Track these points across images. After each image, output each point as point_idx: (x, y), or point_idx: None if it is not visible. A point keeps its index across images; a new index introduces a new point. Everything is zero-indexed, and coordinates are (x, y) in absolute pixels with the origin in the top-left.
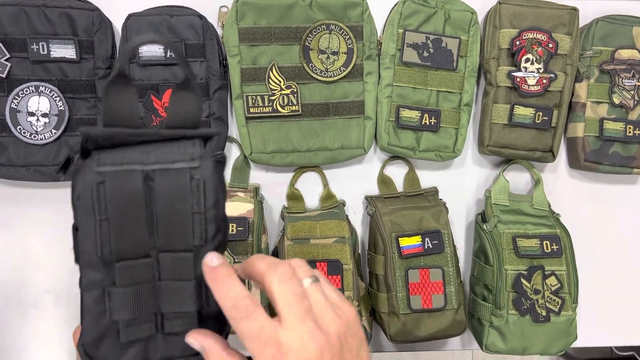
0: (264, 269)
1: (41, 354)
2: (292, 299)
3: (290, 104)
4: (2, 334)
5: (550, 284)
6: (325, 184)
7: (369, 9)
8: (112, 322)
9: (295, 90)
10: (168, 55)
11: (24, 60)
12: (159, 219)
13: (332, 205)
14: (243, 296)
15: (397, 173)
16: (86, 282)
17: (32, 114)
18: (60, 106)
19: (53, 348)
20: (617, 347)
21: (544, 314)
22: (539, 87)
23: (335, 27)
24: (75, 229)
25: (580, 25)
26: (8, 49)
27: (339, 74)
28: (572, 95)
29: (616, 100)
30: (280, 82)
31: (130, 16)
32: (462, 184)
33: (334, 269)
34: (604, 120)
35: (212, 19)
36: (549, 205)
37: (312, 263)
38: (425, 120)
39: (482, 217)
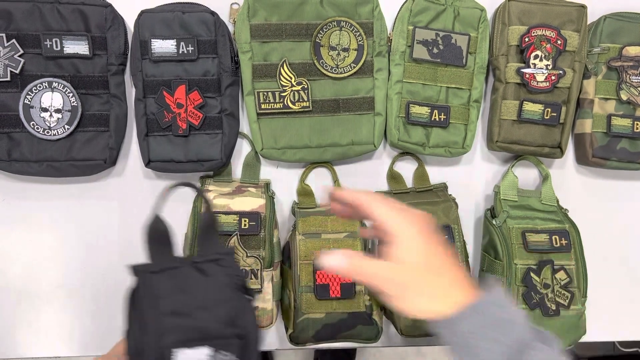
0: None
1: (54, 349)
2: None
3: (300, 100)
4: (16, 328)
5: (560, 278)
6: (336, 180)
7: (379, 5)
8: None
9: (305, 86)
10: (180, 52)
11: (37, 56)
12: None
13: None
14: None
15: (407, 169)
16: None
17: (45, 110)
18: (73, 102)
19: (65, 342)
20: (621, 344)
21: (553, 307)
22: (548, 84)
23: (345, 23)
24: None
25: (588, 22)
26: (22, 45)
27: (350, 71)
28: (580, 91)
29: (624, 97)
30: (291, 78)
31: (142, 12)
32: (471, 179)
33: None
34: (612, 117)
35: (224, 15)
36: (557, 201)
37: None
38: (435, 116)
39: (491, 213)
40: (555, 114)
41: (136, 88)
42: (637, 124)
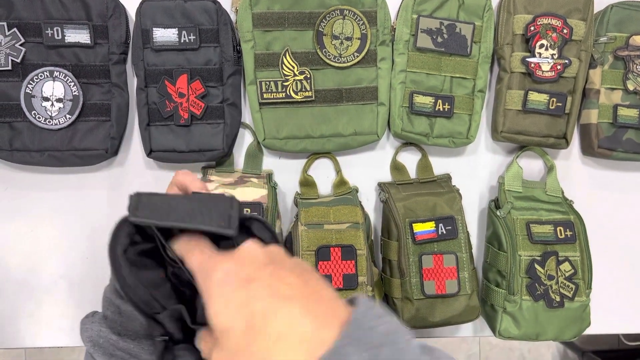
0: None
1: (54, 339)
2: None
3: (303, 89)
4: (16, 319)
5: (564, 270)
6: (338, 171)
7: None
8: None
9: (308, 76)
10: (182, 40)
11: (38, 45)
12: None
13: (345, 192)
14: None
15: (410, 160)
16: None
17: (46, 99)
18: (75, 91)
19: (67, 333)
20: (625, 337)
21: (557, 299)
22: (553, 73)
23: (349, 12)
24: None
25: (595, 10)
26: (23, 33)
27: (353, 60)
28: (586, 81)
29: (630, 87)
30: (293, 67)
31: (144, 1)
32: (475, 170)
33: (348, 254)
34: (618, 107)
35: (226, 4)
36: (562, 192)
37: (327, 248)
38: (439, 106)
39: (496, 204)
40: (560, 104)
41: (138, 77)
42: None
